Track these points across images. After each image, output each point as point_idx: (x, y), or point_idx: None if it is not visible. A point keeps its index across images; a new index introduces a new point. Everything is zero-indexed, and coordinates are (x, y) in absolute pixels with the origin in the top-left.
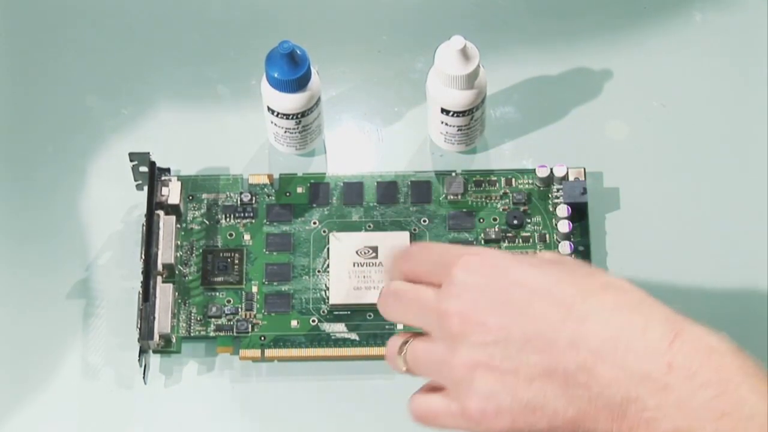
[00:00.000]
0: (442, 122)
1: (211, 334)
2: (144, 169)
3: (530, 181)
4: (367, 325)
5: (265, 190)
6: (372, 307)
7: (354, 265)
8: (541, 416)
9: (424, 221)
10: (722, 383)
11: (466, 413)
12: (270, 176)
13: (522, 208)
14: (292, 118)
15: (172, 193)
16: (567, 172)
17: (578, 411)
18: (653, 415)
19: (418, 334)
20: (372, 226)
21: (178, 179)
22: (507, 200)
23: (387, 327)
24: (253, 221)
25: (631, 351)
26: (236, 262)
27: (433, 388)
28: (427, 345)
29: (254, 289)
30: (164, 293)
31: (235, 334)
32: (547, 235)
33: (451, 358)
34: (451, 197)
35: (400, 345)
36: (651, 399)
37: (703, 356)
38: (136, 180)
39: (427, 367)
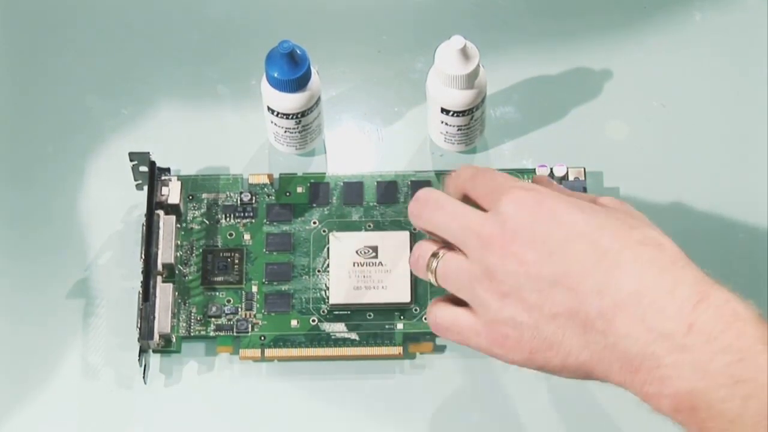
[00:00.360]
0: (442, 122)
1: (211, 333)
2: (144, 168)
3: (530, 181)
4: (367, 324)
5: (265, 189)
6: (372, 307)
7: (354, 265)
8: (556, 353)
9: None
10: (742, 350)
11: (490, 336)
12: (270, 176)
13: None
14: (292, 118)
15: (172, 193)
16: (567, 172)
17: (591, 356)
18: (667, 373)
19: (449, 246)
20: (372, 225)
21: (178, 179)
22: None
23: (387, 327)
24: (253, 221)
25: (654, 307)
26: (236, 261)
27: (457, 301)
28: (462, 263)
29: (254, 288)
30: (164, 293)
31: (235, 333)
32: None
33: (485, 283)
34: None
35: (430, 255)
36: (667, 357)
37: (726, 322)
38: (136, 180)
39: (458, 284)
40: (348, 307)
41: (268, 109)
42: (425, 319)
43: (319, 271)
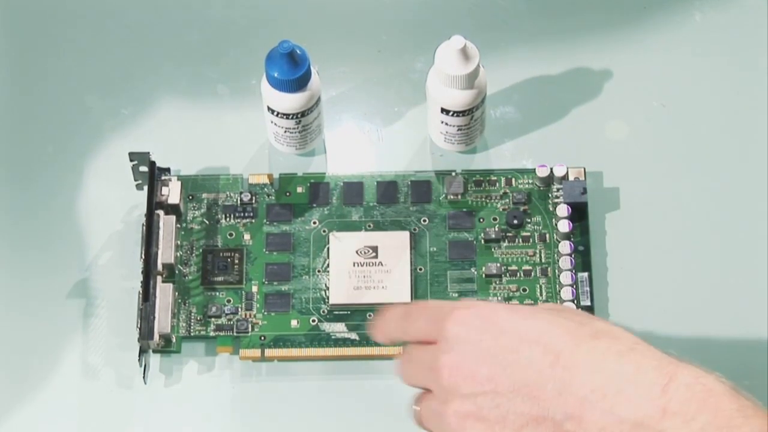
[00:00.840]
0: (442, 122)
1: (211, 333)
2: (144, 168)
3: (530, 181)
4: (367, 325)
5: (265, 189)
6: (372, 307)
7: (354, 265)
8: None
9: (424, 221)
10: (721, 427)
11: None
12: (270, 176)
13: (522, 208)
14: (292, 118)
15: (172, 193)
16: (567, 172)
17: None
18: None
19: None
20: (372, 225)
21: (178, 179)
22: (507, 200)
23: None
24: (253, 221)
25: (623, 398)
26: (236, 261)
27: None
28: (428, 401)
29: (254, 288)
30: (164, 293)
31: (235, 333)
32: (547, 235)
33: (444, 410)
34: (451, 197)
35: (414, 403)
36: None
37: (700, 399)
38: (136, 180)
39: (429, 422)
40: (348, 307)
41: (268, 109)
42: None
43: (319, 271)
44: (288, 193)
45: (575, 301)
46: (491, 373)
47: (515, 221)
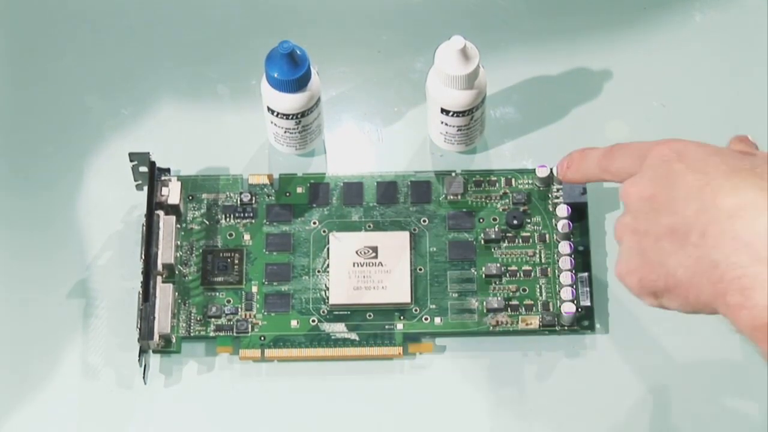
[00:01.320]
0: (442, 122)
1: (211, 334)
2: (144, 169)
3: (530, 181)
4: (367, 325)
5: (265, 190)
6: (372, 307)
7: (354, 265)
8: (659, 274)
9: (424, 221)
10: None
11: (616, 272)
12: (270, 176)
13: (522, 208)
14: (292, 118)
15: (172, 193)
16: None
17: (685, 272)
18: (749, 284)
19: None
20: (372, 226)
21: (178, 179)
22: (507, 200)
23: (387, 327)
24: (253, 221)
25: (745, 222)
26: (236, 262)
27: None
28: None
29: (254, 289)
30: (164, 293)
31: (234, 334)
32: (547, 235)
33: (617, 223)
34: (451, 197)
35: None
36: (750, 267)
37: None
38: (136, 180)
39: (618, 233)
40: (348, 307)
41: (268, 109)
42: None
43: (319, 271)
44: (288, 194)
45: (575, 302)
46: (654, 192)
47: (515, 221)
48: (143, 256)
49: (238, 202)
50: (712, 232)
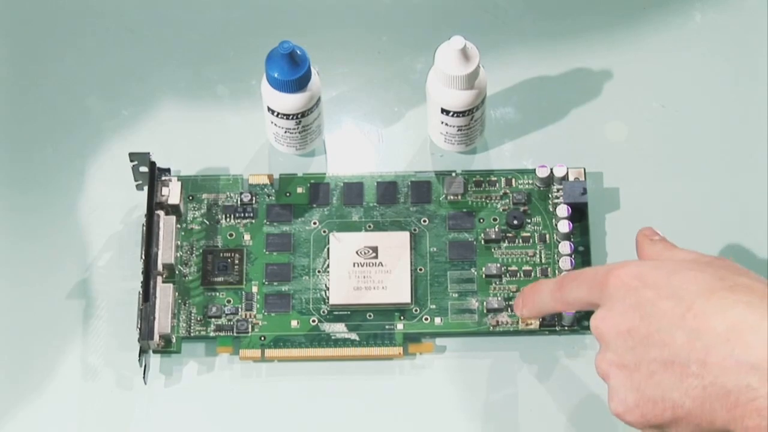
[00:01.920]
0: (442, 122)
1: (211, 334)
2: (144, 169)
3: (530, 182)
4: (367, 325)
5: (265, 190)
6: (372, 308)
7: (354, 266)
8: (663, 408)
9: (424, 221)
10: None
11: (611, 409)
12: (270, 176)
13: (522, 208)
14: (292, 119)
15: (172, 194)
16: (567, 173)
17: (694, 402)
18: (765, 404)
19: None
20: (372, 226)
21: (178, 179)
22: (507, 200)
23: (387, 327)
24: (253, 221)
25: (743, 342)
26: (236, 262)
27: None
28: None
29: (254, 289)
30: (164, 293)
31: (235, 334)
32: (547, 235)
33: (597, 359)
34: (451, 197)
35: None
36: (762, 388)
37: None
38: (136, 180)
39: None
40: (348, 307)
41: (268, 109)
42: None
43: (319, 271)
44: (288, 194)
45: None
46: (631, 323)
47: (515, 222)
48: (143, 257)
49: (239, 202)
50: (712, 359)
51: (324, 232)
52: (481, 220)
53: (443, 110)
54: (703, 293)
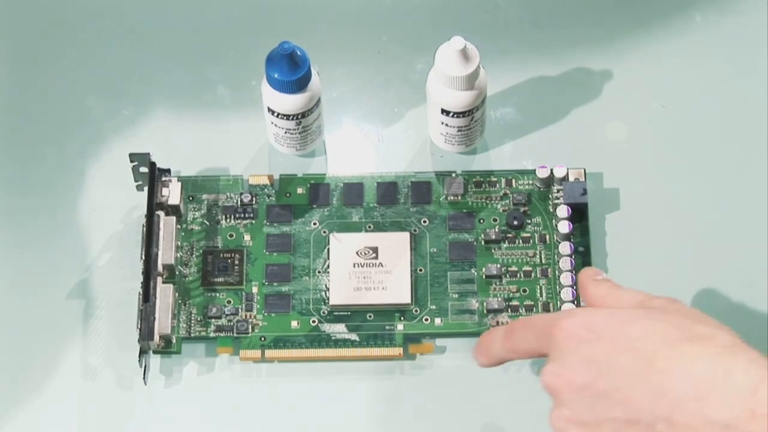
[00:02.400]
0: (442, 123)
1: (212, 334)
2: (144, 169)
3: (530, 182)
4: (368, 325)
5: (266, 190)
6: (372, 308)
7: (354, 266)
8: None
9: (424, 222)
10: None
11: None
12: (270, 177)
13: (522, 209)
14: (293, 119)
15: (172, 194)
16: (567, 173)
17: None
18: None
19: None
20: (372, 226)
21: (178, 180)
22: (507, 201)
23: (387, 328)
24: (254, 222)
25: (711, 400)
26: (236, 262)
27: None
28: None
29: (254, 289)
30: (164, 294)
31: (235, 334)
32: (548, 236)
33: (550, 415)
34: (452, 198)
35: None
36: None
37: None
38: (136, 181)
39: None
40: (348, 308)
41: (269, 110)
42: None
43: (319, 272)
44: (288, 194)
45: (575, 302)
46: (587, 379)
47: (515, 222)
48: (143, 257)
49: (239, 202)
50: (680, 418)
51: (324, 232)
52: (481, 221)
53: (443, 111)
54: (664, 346)
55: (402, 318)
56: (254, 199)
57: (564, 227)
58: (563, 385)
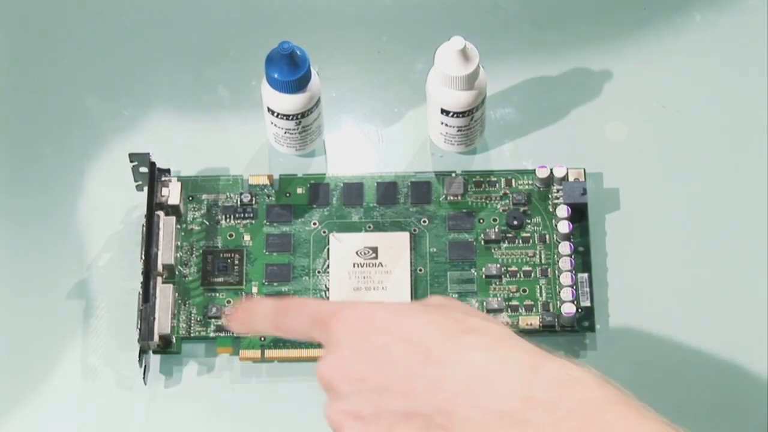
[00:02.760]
0: (442, 123)
1: (211, 334)
2: (144, 169)
3: (530, 182)
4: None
5: (265, 190)
6: None
7: (354, 266)
8: None
9: (424, 222)
10: (586, 414)
11: None
12: (270, 177)
13: (522, 209)
14: (292, 119)
15: (172, 194)
16: (567, 173)
17: None
18: None
19: None
20: (372, 226)
21: (178, 180)
22: (507, 201)
23: None
24: (253, 222)
25: (488, 389)
26: (236, 262)
27: None
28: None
29: (254, 289)
30: (164, 294)
31: (235, 334)
32: (547, 236)
33: (326, 408)
34: (451, 198)
35: None
36: None
37: (564, 388)
38: (136, 181)
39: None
40: None
41: (268, 110)
42: None
43: (319, 272)
44: (288, 194)
45: (575, 302)
46: (364, 372)
47: (515, 222)
48: (143, 257)
49: (239, 202)
50: (458, 409)
51: (324, 232)
52: (481, 221)
53: (443, 110)
54: (439, 337)
55: None
56: (254, 199)
57: (564, 227)
58: (341, 379)
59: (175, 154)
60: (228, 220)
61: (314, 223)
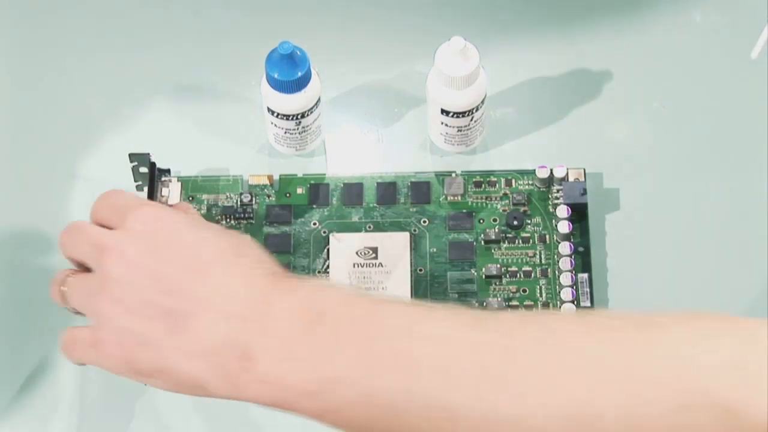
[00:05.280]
0: (442, 123)
1: None
2: (144, 170)
3: (530, 182)
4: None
5: (265, 190)
6: None
7: (354, 266)
8: (150, 354)
9: (424, 222)
10: (321, 311)
11: (94, 343)
12: (270, 177)
13: (522, 209)
14: (292, 119)
15: (172, 194)
16: (567, 173)
17: (182, 357)
18: (254, 355)
19: (84, 270)
20: (372, 226)
21: (178, 180)
22: (507, 201)
23: None
24: (253, 222)
25: (234, 297)
26: None
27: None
28: (84, 278)
29: None
30: None
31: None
32: (547, 236)
33: (99, 293)
34: (451, 198)
35: (62, 278)
36: (251, 339)
37: (308, 291)
38: (136, 181)
39: (79, 299)
40: None
41: (268, 110)
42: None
43: (319, 272)
44: (288, 194)
45: (575, 302)
46: (144, 263)
47: (515, 222)
48: None
49: (238, 202)
50: (205, 314)
51: (324, 232)
52: (481, 221)
53: (443, 111)
54: (214, 254)
55: None
56: (254, 199)
57: (564, 227)
58: (123, 266)
59: (175, 154)
60: (228, 220)
61: (314, 224)
